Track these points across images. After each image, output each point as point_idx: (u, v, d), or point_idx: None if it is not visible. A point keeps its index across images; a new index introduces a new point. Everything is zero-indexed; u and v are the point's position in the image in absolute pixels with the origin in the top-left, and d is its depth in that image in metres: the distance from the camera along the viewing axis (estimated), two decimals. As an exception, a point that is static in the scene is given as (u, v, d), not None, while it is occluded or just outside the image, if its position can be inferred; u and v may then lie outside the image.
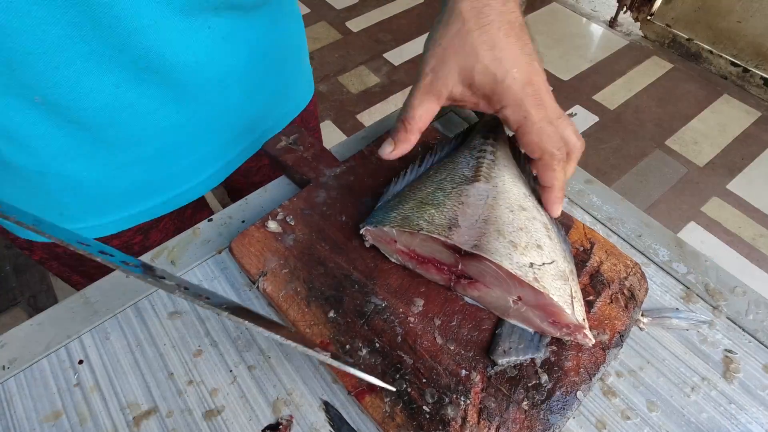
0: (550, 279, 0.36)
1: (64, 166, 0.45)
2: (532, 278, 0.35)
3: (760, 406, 0.40)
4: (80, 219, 0.53)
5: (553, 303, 0.35)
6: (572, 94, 2.01)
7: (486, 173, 0.42)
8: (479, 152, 0.45)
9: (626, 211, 0.53)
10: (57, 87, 0.38)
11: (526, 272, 0.35)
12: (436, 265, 0.41)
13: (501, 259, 0.35)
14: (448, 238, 0.37)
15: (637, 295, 0.43)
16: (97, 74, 0.39)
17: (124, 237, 0.58)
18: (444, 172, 0.44)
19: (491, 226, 0.38)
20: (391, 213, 0.41)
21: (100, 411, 0.40)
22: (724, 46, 2.03)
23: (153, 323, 0.44)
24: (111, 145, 0.46)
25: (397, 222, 0.40)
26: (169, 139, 0.50)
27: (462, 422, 0.36)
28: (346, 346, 0.40)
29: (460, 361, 0.39)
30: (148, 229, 0.60)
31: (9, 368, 0.42)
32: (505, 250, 0.36)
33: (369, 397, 0.38)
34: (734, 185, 1.71)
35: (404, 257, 0.43)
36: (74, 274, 0.63)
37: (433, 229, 0.38)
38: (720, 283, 0.47)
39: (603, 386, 0.41)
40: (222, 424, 0.39)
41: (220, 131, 0.55)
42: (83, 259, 0.58)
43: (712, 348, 0.43)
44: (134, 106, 0.43)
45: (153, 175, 0.53)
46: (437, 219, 0.38)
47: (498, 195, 0.40)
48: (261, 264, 0.45)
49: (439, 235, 0.37)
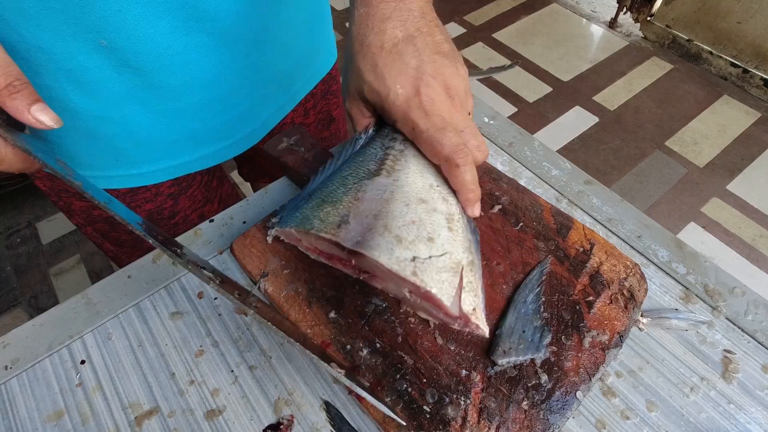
0: (433, 272, 0.36)
1: (121, 111, 0.49)
2: (409, 272, 0.35)
3: (759, 407, 0.40)
4: (133, 165, 0.56)
5: (432, 295, 0.35)
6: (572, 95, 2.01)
7: (390, 166, 0.42)
8: (390, 141, 0.44)
9: (626, 212, 0.53)
10: (119, 31, 0.42)
11: (404, 267, 0.35)
12: (340, 261, 0.42)
13: (380, 254, 0.35)
14: (334, 236, 0.37)
15: (636, 296, 0.43)
16: (153, 20, 0.42)
17: (157, 201, 0.62)
18: (352, 167, 0.44)
19: (380, 221, 0.37)
20: (296, 213, 0.41)
21: (102, 411, 0.40)
22: (724, 46, 2.03)
23: (155, 323, 0.44)
24: (162, 91, 0.49)
25: (297, 222, 0.40)
26: (211, 91, 0.53)
27: (462, 422, 0.37)
28: (347, 346, 0.40)
29: (461, 362, 0.39)
30: (178, 195, 0.64)
31: (12, 368, 0.42)
32: (387, 246, 0.36)
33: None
34: (734, 186, 1.71)
35: (315, 254, 0.44)
36: (106, 242, 0.68)
37: (323, 228, 0.38)
38: (719, 283, 0.47)
39: (603, 386, 0.41)
40: (223, 423, 0.39)
41: (256, 86, 0.58)
42: (115, 227, 0.63)
43: (712, 348, 0.43)
44: (182, 54, 0.47)
45: (196, 128, 0.56)
46: (330, 217, 0.38)
47: (397, 189, 0.40)
48: (262, 264, 0.45)
49: (326, 234, 0.37)
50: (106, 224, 0.64)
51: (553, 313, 0.42)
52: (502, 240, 0.47)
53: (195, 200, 0.67)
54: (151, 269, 0.48)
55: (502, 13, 2.37)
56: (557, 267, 0.45)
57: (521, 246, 0.46)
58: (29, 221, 1.62)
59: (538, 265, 0.45)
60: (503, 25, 2.32)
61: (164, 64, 0.46)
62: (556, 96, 2.01)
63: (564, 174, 0.56)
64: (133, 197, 0.60)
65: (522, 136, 0.60)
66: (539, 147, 0.59)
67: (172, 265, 0.48)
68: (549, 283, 0.44)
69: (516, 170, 0.56)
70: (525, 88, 2.04)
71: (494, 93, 2.01)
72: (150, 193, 0.61)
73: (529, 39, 2.25)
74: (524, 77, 2.08)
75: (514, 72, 2.09)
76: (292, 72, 0.63)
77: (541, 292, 0.43)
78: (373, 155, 0.43)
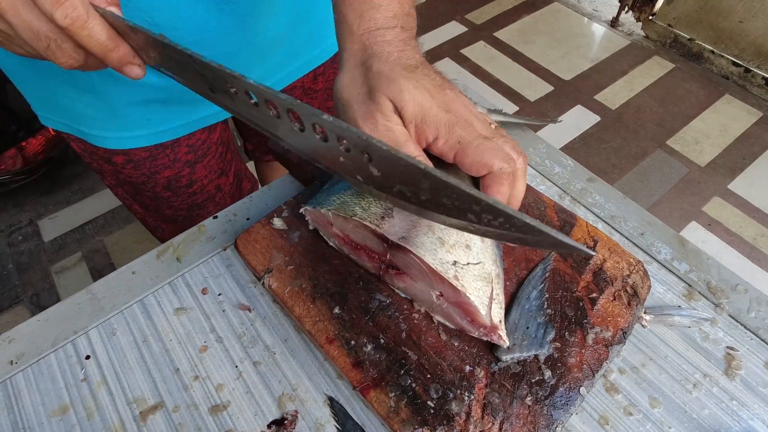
0: (471, 279, 0.36)
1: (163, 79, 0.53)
2: (452, 276, 0.35)
3: (762, 403, 0.40)
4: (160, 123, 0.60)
5: (470, 302, 0.36)
6: (573, 94, 2.01)
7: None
8: None
9: (628, 210, 0.53)
10: (161, 10, 0.46)
11: (447, 269, 0.36)
12: (367, 253, 0.42)
13: (425, 253, 0.36)
14: (379, 227, 0.37)
15: (639, 293, 0.43)
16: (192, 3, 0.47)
17: (175, 168, 0.65)
18: None
19: (424, 220, 0.38)
20: (332, 196, 0.41)
21: (107, 405, 0.40)
22: (725, 46, 2.03)
23: (159, 319, 0.45)
24: None
25: (335, 206, 0.40)
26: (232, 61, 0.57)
27: (466, 417, 0.37)
28: (351, 342, 0.40)
29: (464, 357, 0.40)
30: (195, 162, 0.66)
31: (17, 363, 0.42)
32: (432, 246, 0.36)
33: (374, 392, 0.38)
34: (735, 185, 1.71)
35: (340, 241, 0.44)
36: (135, 203, 0.72)
37: (366, 217, 0.38)
38: (722, 280, 0.47)
39: (606, 383, 0.41)
40: (228, 418, 0.39)
41: (270, 55, 0.62)
42: (140, 190, 0.67)
43: (714, 345, 0.43)
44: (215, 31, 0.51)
45: None
46: (373, 207, 0.39)
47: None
48: (266, 260, 0.45)
49: (371, 224, 0.37)
50: (132, 187, 0.67)
51: (557, 309, 0.42)
52: (505, 237, 0.47)
53: (211, 170, 0.70)
54: (155, 265, 0.48)
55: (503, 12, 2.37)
56: (560, 264, 0.45)
57: (524, 243, 0.46)
58: (31, 219, 1.62)
59: (542, 262, 0.45)
60: (504, 23, 2.32)
61: (198, 39, 0.51)
62: (557, 95, 2.01)
63: (567, 171, 0.56)
64: (153, 163, 0.62)
65: (524, 134, 0.60)
66: (542, 145, 0.59)
67: (176, 261, 0.49)
68: (552, 280, 0.44)
69: (519, 168, 0.57)
70: (526, 87, 2.04)
71: (496, 92, 2.01)
72: (168, 159, 0.63)
73: (531, 38, 2.24)
74: (525, 76, 2.07)
75: (515, 70, 2.09)
76: (305, 43, 0.66)
77: (544, 288, 0.43)
78: None
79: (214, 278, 0.47)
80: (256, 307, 0.45)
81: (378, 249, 0.40)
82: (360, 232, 0.40)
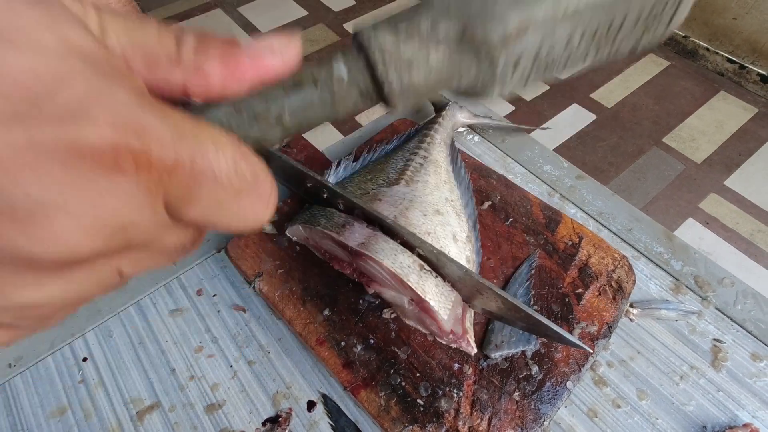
0: (433, 284, 0.36)
1: None
2: (413, 279, 0.35)
3: (748, 394, 0.41)
4: None
5: (430, 307, 0.35)
6: (569, 93, 2.02)
7: (409, 177, 0.44)
8: (411, 155, 0.47)
9: (617, 206, 0.54)
10: None
11: (407, 272, 0.35)
12: (339, 262, 0.42)
13: (384, 258, 0.35)
14: (339, 235, 0.37)
15: (624, 287, 0.44)
16: None
17: None
18: (372, 172, 0.46)
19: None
20: (306, 211, 0.42)
21: (104, 406, 0.41)
22: (720, 43, 2.03)
23: (155, 320, 0.45)
24: None
25: (305, 219, 0.41)
26: None
27: (455, 414, 0.38)
28: (341, 343, 0.41)
29: (453, 355, 0.40)
30: None
31: (15, 366, 0.43)
32: (392, 251, 0.36)
33: (364, 392, 0.39)
34: (732, 181, 1.71)
35: (320, 253, 0.45)
36: None
37: (329, 226, 0.38)
38: (708, 274, 0.48)
39: (594, 376, 0.42)
40: (223, 417, 0.40)
41: None
42: None
43: (701, 338, 0.44)
44: None
45: None
46: (336, 217, 0.38)
47: (415, 198, 0.42)
48: (257, 265, 0.46)
49: (331, 232, 0.37)
50: None
51: (543, 305, 0.43)
52: (492, 236, 0.47)
53: None
54: (150, 269, 0.49)
55: (498, 13, 2.38)
56: (546, 261, 0.46)
57: (511, 241, 0.47)
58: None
59: (527, 259, 0.46)
60: (500, 24, 2.33)
61: None
62: (553, 94, 2.01)
63: (556, 169, 0.57)
64: None
65: (515, 133, 0.61)
66: (532, 143, 0.60)
67: (171, 263, 0.49)
68: (538, 277, 0.45)
69: (509, 166, 0.57)
70: (522, 86, 2.05)
71: (492, 92, 2.02)
72: None
73: (526, 38, 2.25)
74: (521, 76, 2.08)
75: (511, 71, 2.10)
76: None
77: (530, 285, 0.44)
78: (394, 164, 0.46)
79: (208, 279, 0.48)
80: (251, 307, 0.46)
81: (345, 258, 0.41)
82: (327, 242, 0.41)
